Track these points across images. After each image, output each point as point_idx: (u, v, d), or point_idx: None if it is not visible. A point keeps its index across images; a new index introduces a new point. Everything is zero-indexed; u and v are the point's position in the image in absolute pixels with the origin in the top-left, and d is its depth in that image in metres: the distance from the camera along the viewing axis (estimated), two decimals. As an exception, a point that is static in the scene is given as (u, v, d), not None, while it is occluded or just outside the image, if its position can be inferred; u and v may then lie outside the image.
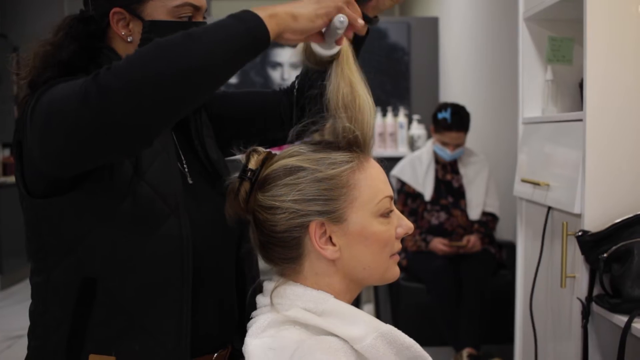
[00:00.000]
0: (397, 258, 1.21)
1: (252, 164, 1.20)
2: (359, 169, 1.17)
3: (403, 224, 1.21)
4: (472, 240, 3.71)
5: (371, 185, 1.17)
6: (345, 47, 1.25)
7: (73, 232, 1.25)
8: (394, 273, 1.21)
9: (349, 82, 1.21)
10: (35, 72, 1.27)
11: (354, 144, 1.19)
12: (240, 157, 1.22)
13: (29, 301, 1.35)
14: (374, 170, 1.19)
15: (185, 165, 1.38)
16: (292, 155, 1.19)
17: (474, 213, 3.83)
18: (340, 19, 1.19)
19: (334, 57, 1.25)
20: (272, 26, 1.12)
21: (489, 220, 3.85)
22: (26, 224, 1.31)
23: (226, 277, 1.41)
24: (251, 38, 1.10)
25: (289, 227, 1.15)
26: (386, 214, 1.18)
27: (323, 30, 1.22)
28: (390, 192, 1.19)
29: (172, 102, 1.07)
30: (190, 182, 1.37)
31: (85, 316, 1.24)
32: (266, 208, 1.17)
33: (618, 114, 1.89)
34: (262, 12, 1.12)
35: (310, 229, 1.15)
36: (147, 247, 1.25)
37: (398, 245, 1.21)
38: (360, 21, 1.22)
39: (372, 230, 1.16)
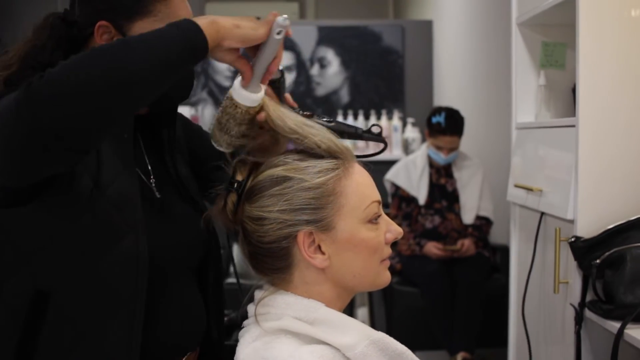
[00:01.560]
0: (387, 263, 1.21)
1: (239, 176, 1.19)
2: (344, 176, 1.16)
3: (392, 229, 1.20)
4: (466, 244, 3.71)
5: (358, 191, 1.17)
6: (266, 100, 1.20)
7: (29, 244, 1.22)
8: (385, 279, 1.21)
9: (283, 117, 1.18)
10: (14, 69, 1.24)
11: (334, 152, 1.18)
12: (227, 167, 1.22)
13: None
14: (360, 176, 1.19)
15: (153, 179, 1.38)
16: (277, 165, 1.18)
17: (468, 217, 3.83)
18: (284, 16, 1.15)
19: (256, 109, 1.19)
20: (211, 32, 1.10)
21: (483, 224, 3.85)
22: None
23: (190, 286, 1.40)
24: (187, 44, 1.09)
25: (277, 237, 1.15)
26: (374, 220, 1.17)
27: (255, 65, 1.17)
28: (377, 197, 1.19)
29: (104, 109, 1.05)
30: (158, 195, 1.37)
31: (36, 330, 1.21)
32: (254, 219, 1.16)
33: (611, 120, 1.89)
34: (203, 20, 1.11)
35: (298, 238, 1.14)
36: (103, 263, 1.22)
37: (388, 251, 1.20)
38: (291, 31, 1.19)
39: (360, 237, 1.15)
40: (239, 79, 1.18)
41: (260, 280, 1.23)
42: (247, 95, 1.17)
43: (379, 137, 1.32)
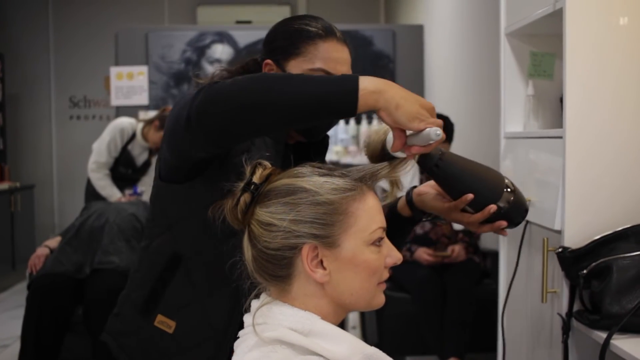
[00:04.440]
0: (383, 286, 1.23)
1: (257, 178, 1.21)
2: (359, 199, 1.19)
3: (393, 255, 1.23)
4: (456, 250, 3.72)
5: (367, 215, 1.19)
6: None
7: (176, 214, 1.52)
8: (380, 300, 1.23)
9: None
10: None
11: (363, 180, 1.22)
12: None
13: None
14: (372, 200, 1.21)
15: None
16: (296, 175, 1.21)
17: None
18: (437, 132, 1.24)
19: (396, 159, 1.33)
20: (369, 100, 1.22)
21: None
22: (151, 197, 1.61)
23: None
24: (335, 101, 1.22)
25: (282, 246, 1.17)
26: (378, 243, 1.20)
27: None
28: (383, 223, 1.22)
29: (247, 120, 1.25)
30: None
31: (166, 283, 1.51)
32: (263, 223, 1.18)
33: (598, 131, 1.90)
34: (371, 84, 1.22)
35: (302, 251, 1.16)
36: (226, 245, 1.38)
37: (386, 274, 1.23)
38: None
39: (363, 258, 1.18)
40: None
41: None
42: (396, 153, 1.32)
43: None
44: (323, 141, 1.69)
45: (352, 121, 5.27)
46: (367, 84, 1.22)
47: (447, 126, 3.82)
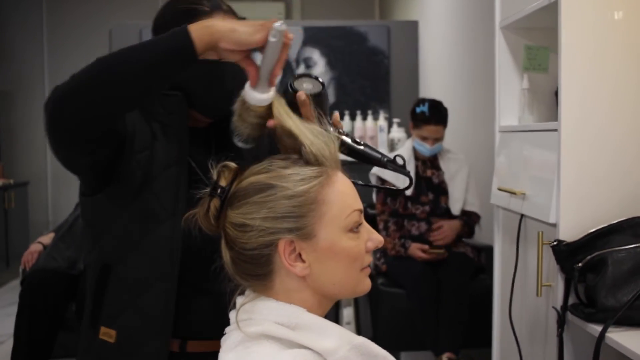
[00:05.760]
0: (368, 271, 1.21)
1: (223, 181, 1.19)
2: (327, 184, 1.16)
3: (373, 238, 1.20)
4: (445, 227, 3.74)
5: (339, 200, 1.17)
6: (277, 103, 1.25)
7: (99, 226, 1.51)
8: (365, 286, 1.21)
9: (292, 125, 1.21)
10: None
11: (321, 159, 1.19)
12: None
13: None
14: (342, 184, 1.19)
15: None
16: (261, 172, 1.18)
17: (455, 207, 3.84)
18: (278, 24, 1.20)
19: (268, 112, 1.25)
20: (203, 35, 1.20)
21: (472, 212, 3.86)
22: (80, 214, 1.62)
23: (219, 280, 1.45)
24: (172, 47, 1.22)
25: (259, 244, 1.15)
26: (355, 229, 1.18)
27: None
28: (359, 206, 1.19)
29: (95, 103, 1.25)
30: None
31: (101, 294, 1.50)
32: (236, 225, 1.16)
33: (593, 124, 1.90)
34: (198, 25, 1.22)
35: (279, 247, 1.14)
36: (146, 244, 1.46)
37: (368, 259, 1.21)
38: (290, 35, 1.24)
39: (341, 246, 1.16)
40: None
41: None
42: (255, 95, 1.24)
43: (403, 170, 1.43)
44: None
45: (346, 117, 5.25)
46: (196, 25, 1.22)
47: (441, 110, 3.82)
